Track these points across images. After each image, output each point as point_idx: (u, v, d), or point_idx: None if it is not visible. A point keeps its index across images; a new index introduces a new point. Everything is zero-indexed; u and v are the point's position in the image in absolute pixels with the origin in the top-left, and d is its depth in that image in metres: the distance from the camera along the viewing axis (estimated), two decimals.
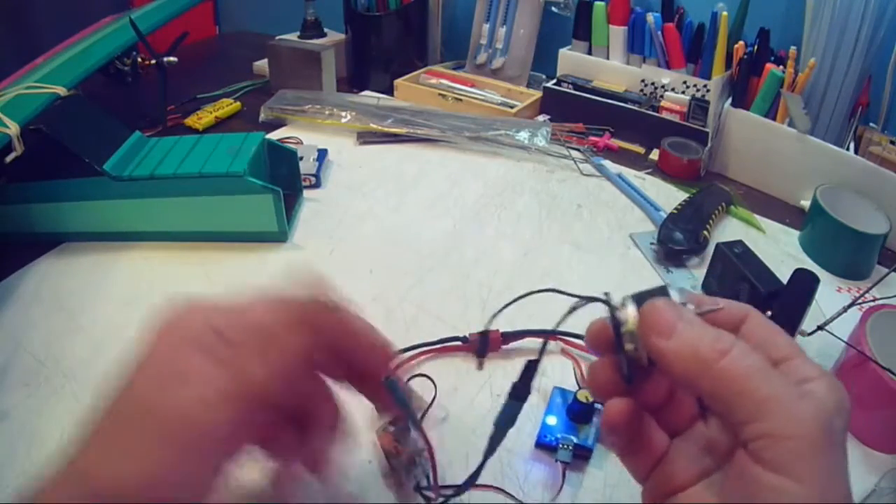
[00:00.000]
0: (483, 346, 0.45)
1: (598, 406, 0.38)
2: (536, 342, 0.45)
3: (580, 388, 0.40)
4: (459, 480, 0.36)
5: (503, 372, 0.44)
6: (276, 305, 0.26)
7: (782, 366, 0.23)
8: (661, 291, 0.24)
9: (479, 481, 0.35)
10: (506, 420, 0.27)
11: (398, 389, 0.28)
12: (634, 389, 0.25)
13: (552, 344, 0.46)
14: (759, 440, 0.20)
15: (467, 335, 0.45)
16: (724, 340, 0.22)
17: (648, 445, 0.26)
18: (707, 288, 0.53)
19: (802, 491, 0.20)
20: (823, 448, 0.20)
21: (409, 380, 0.42)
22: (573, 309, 0.26)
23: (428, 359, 0.44)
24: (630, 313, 0.24)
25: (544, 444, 0.38)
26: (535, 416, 0.40)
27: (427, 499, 0.34)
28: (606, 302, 0.24)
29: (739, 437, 0.21)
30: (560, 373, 0.44)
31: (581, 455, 0.37)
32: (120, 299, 0.49)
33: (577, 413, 0.38)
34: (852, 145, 0.67)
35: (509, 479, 0.37)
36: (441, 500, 0.34)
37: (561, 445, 0.37)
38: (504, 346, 0.45)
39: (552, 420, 0.39)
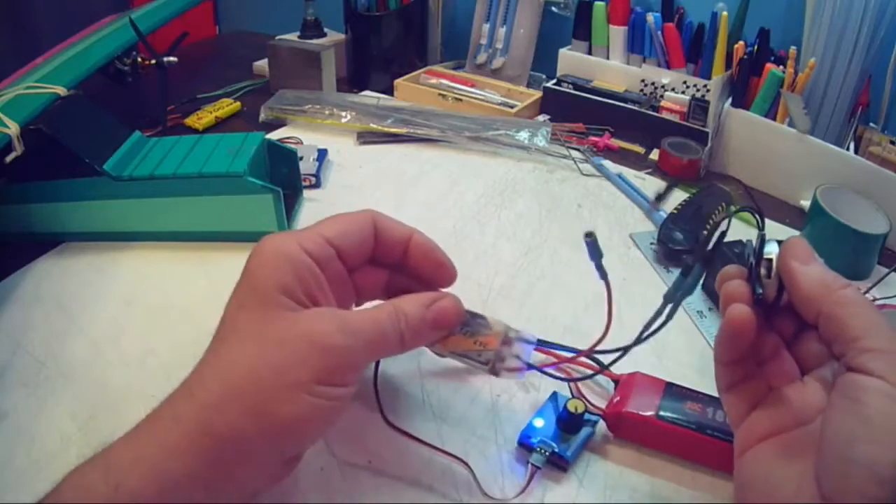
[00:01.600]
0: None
1: (586, 417, 0.38)
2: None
3: (573, 396, 0.39)
4: (459, 483, 0.36)
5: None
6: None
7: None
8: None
9: (453, 451, 0.37)
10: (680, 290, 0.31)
11: None
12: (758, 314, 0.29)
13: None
14: (867, 353, 0.25)
15: None
16: (841, 279, 0.27)
17: (758, 378, 0.30)
18: (707, 288, 0.53)
19: None
20: None
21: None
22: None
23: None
24: (772, 249, 0.29)
25: (525, 444, 0.38)
26: (530, 413, 0.40)
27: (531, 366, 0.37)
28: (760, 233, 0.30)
29: (847, 355, 0.25)
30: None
31: (557, 464, 0.37)
32: (120, 299, 0.49)
33: (565, 422, 0.38)
34: (852, 145, 0.67)
35: (477, 466, 0.36)
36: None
37: (538, 449, 0.36)
38: None
39: (539, 422, 0.38)
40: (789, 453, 0.27)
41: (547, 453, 0.36)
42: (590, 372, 0.40)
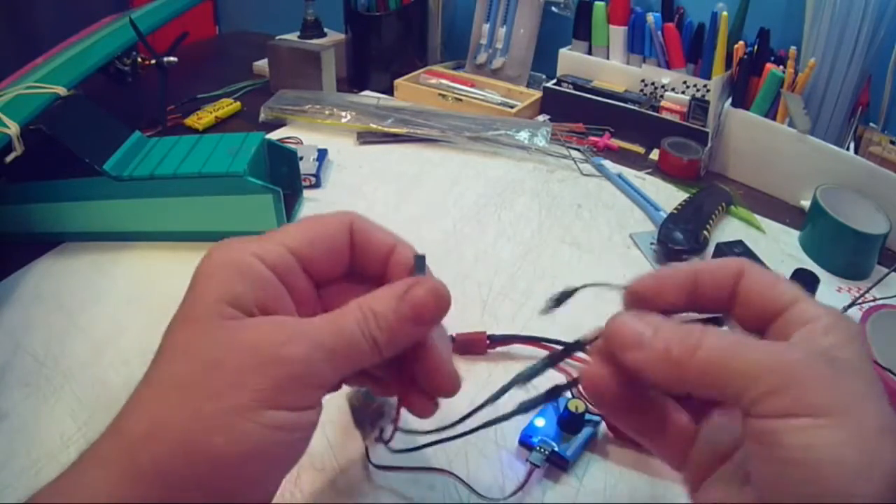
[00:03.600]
0: (466, 346, 0.44)
1: (587, 417, 0.38)
2: (533, 347, 0.45)
3: (573, 396, 0.39)
4: (459, 483, 0.36)
5: (499, 376, 0.44)
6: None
7: (787, 312, 0.23)
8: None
9: (437, 465, 0.36)
10: (526, 376, 0.28)
11: (424, 267, 0.28)
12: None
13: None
14: (760, 403, 0.20)
15: (454, 335, 0.44)
16: (693, 334, 0.22)
17: (667, 427, 0.26)
18: None
19: (828, 422, 0.19)
20: (830, 379, 0.20)
21: None
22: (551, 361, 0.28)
23: None
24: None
25: (525, 443, 0.38)
26: (530, 414, 0.40)
27: (384, 440, 0.32)
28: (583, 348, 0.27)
29: (743, 407, 0.21)
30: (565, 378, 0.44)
31: (557, 464, 0.37)
32: (120, 299, 0.49)
33: (565, 421, 0.38)
34: (852, 145, 0.67)
35: (477, 465, 0.36)
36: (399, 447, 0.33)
37: (538, 448, 0.36)
38: (490, 350, 0.45)
39: (540, 422, 0.38)
40: (737, 478, 0.24)
41: (547, 452, 0.36)
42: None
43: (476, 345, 0.44)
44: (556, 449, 0.36)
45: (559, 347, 0.43)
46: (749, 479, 0.22)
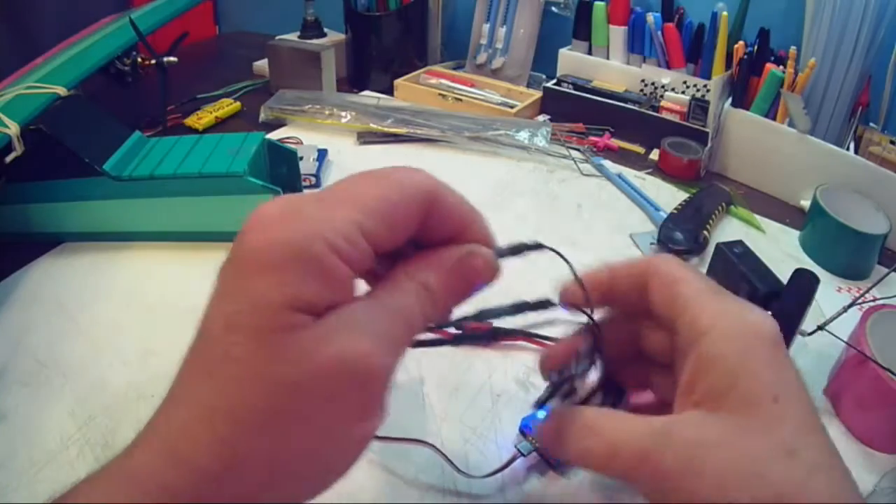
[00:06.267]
0: (466, 336, 0.44)
1: None
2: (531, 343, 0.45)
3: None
4: (459, 483, 0.36)
5: (503, 371, 0.44)
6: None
7: (680, 319, 0.24)
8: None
9: (453, 450, 0.36)
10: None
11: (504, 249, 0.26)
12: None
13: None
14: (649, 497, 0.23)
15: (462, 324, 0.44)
16: (587, 439, 0.24)
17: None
18: None
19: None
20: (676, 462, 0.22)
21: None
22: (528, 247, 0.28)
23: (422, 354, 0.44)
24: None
25: (524, 432, 0.38)
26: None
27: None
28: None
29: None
30: None
31: (545, 458, 0.37)
32: (120, 299, 0.49)
33: None
34: (852, 145, 0.67)
35: (477, 464, 0.37)
36: None
37: (529, 437, 0.37)
38: (495, 343, 0.45)
39: (542, 414, 0.38)
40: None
41: (537, 444, 0.36)
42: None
43: (482, 335, 0.45)
44: None
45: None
46: None
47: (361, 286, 0.23)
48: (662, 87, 0.78)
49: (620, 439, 0.23)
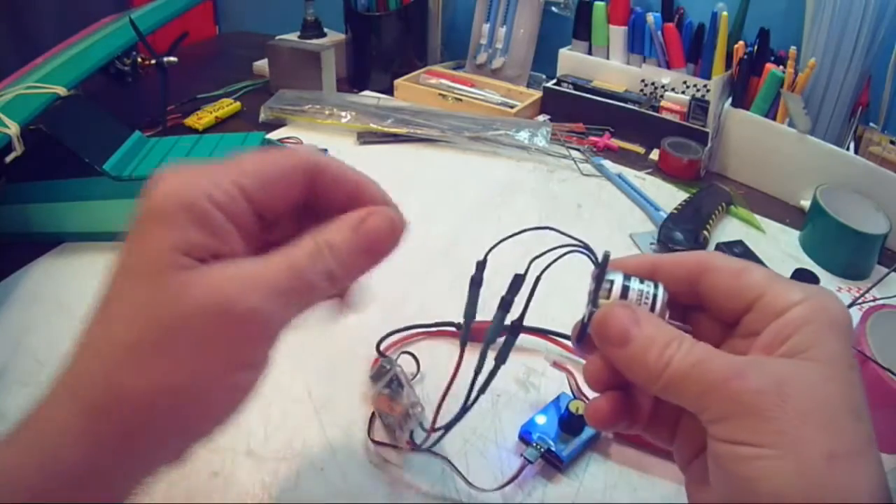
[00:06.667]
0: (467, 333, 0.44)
1: None
2: (533, 340, 0.45)
3: (574, 398, 0.39)
4: (459, 483, 0.36)
5: (503, 371, 0.44)
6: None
7: (758, 304, 0.23)
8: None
9: (453, 450, 0.36)
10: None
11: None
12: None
13: (554, 346, 0.45)
14: (713, 425, 0.21)
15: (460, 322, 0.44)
16: (671, 345, 0.22)
17: (658, 410, 0.26)
18: None
19: (772, 453, 0.19)
20: (778, 410, 0.20)
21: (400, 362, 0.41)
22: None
23: (422, 341, 0.44)
24: (614, 292, 0.26)
25: (524, 438, 0.38)
26: (530, 414, 0.40)
27: (414, 444, 0.36)
28: (594, 260, 0.28)
29: (710, 433, 0.21)
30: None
31: (552, 462, 0.37)
32: None
33: (566, 422, 0.38)
34: (852, 145, 0.67)
35: (476, 464, 0.37)
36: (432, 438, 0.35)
37: (534, 444, 0.37)
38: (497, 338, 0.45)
39: (541, 419, 0.38)
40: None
41: (542, 450, 0.36)
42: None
43: (477, 333, 0.45)
44: (553, 448, 0.37)
45: (564, 340, 0.44)
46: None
47: None
48: (662, 87, 0.78)
49: (711, 354, 0.22)
